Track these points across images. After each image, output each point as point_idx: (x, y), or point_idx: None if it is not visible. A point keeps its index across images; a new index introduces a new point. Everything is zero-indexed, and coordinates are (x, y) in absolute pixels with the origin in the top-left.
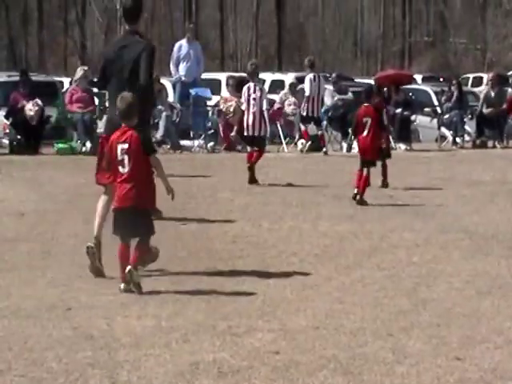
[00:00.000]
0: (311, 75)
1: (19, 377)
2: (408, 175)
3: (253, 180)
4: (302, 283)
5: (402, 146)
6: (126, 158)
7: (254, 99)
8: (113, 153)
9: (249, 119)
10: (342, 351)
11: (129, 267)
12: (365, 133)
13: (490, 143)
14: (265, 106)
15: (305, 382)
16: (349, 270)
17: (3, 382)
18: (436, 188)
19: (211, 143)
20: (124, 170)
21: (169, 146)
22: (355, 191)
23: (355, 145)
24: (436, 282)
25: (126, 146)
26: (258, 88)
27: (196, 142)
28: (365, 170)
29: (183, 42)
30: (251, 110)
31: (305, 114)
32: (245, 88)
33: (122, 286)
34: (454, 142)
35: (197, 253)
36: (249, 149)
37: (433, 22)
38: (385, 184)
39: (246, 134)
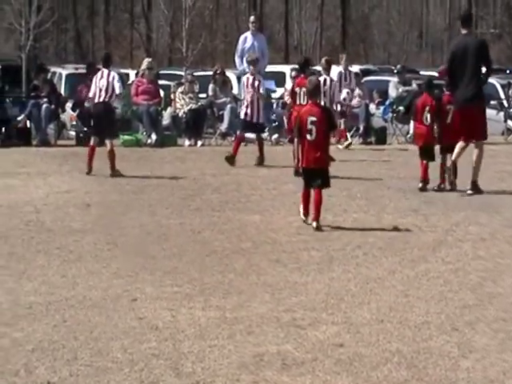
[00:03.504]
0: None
1: (85, 366)
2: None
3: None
4: (366, 276)
5: None
6: (313, 128)
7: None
8: (303, 123)
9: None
10: (406, 345)
11: (314, 224)
12: (448, 120)
13: None
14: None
15: (369, 375)
16: (413, 263)
17: (69, 371)
18: (502, 181)
19: (275, 135)
20: (311, 137)
21: (233, 138)
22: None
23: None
24: (502, 276)
25: (314, 118)
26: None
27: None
28: (448, 158)
29: (248, 34)
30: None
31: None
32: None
33: (314, 224)
34: None
35: (261, 244)
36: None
37: (500, 13)
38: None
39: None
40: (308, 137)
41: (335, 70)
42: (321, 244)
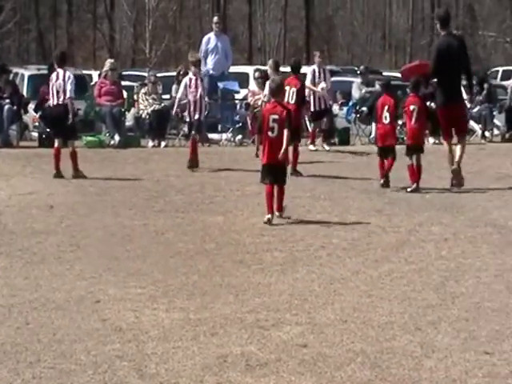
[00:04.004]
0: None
1: (48, 369)
2: (436, 169)
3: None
4: (329, 277)
5: (431, 140)
6: (275, 126)
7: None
8: (265, 121)
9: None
10: (369, 345)
11: (277, 213)
12: (413, 121)
13: None
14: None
15: (332, 375)
16: (377, 263)
17: (32, 373)
18: (465, 182)
19: (239, 136)
20: (273, 134)
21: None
22: (411, 187)
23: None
24: (464, 276)
25: (276, 117)
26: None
27: (224, 136)
28: (414, 159)
29: (211, 35)
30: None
31: None
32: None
33: (277, 213)
34: (483, 136)
35: (224, 246)
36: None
37: (462, 14)
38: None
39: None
40: (269, 134)
41: (308, 69)
42: (284, 245)
